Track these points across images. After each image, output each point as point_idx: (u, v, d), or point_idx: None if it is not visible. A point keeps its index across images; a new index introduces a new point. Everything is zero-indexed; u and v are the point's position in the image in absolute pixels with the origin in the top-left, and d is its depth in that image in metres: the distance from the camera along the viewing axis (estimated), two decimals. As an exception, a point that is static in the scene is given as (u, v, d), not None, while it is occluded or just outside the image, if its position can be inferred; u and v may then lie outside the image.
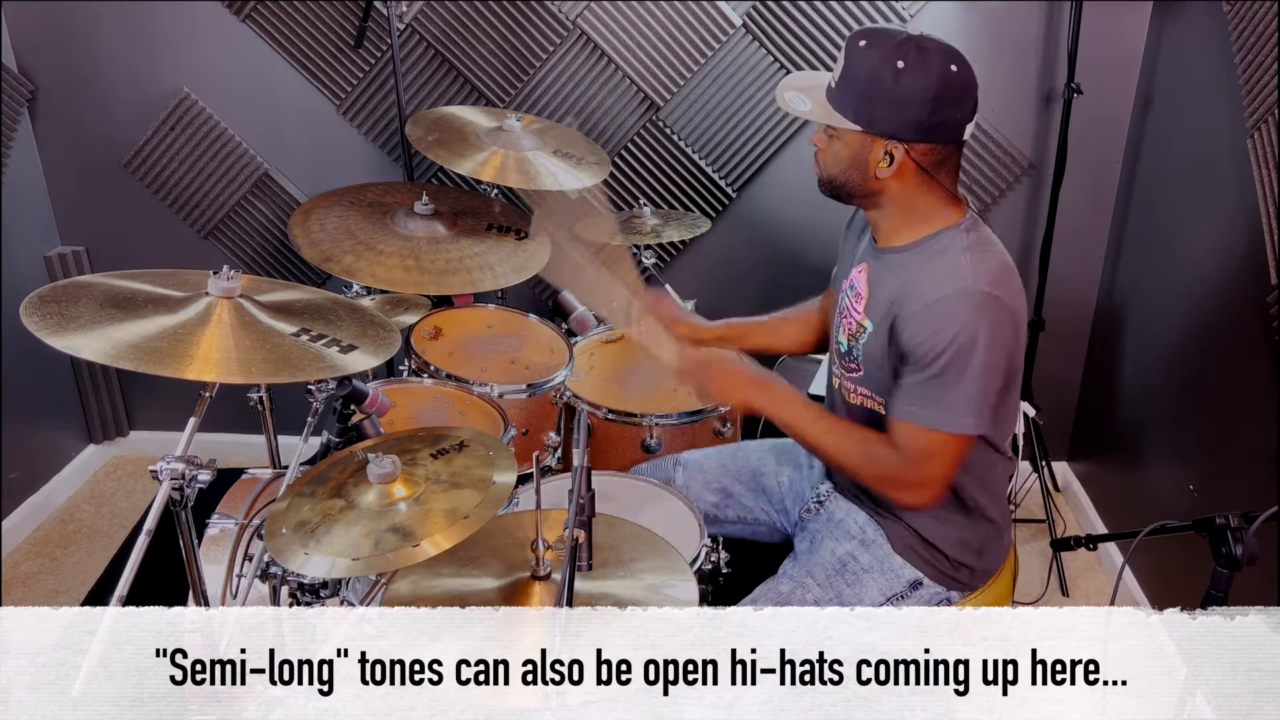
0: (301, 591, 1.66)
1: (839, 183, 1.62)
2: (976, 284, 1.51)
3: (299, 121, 2.88)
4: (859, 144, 1.56)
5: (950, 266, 1.54)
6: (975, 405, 1.53)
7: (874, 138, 1.53)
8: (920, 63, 1.49)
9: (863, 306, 1.66)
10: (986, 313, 1.50)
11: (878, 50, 1.50)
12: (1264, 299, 1.99)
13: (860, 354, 1.67)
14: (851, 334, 1.69)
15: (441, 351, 2.40)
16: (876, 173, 1.56)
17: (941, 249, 1.58)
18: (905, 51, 1.49)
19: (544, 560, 1.44)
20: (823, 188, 1.67)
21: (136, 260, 3.00)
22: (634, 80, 2.77)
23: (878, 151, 1.54)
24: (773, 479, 1.97)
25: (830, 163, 1.62)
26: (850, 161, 1.58)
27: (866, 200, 1.64)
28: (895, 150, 1.53)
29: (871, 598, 1.72)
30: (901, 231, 1.63)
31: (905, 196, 1.59)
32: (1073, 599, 2.72)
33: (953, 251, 1.57)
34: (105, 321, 1.35)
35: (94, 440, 3.27)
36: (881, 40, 1.51)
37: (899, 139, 1.53)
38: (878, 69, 1.49)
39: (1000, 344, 1.52)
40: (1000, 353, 1.53)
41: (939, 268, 1.55)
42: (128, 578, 1.28)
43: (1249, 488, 2.07)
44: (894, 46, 1.49)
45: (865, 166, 1.57)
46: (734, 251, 2.96)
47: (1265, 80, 2.03)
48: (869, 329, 1.64)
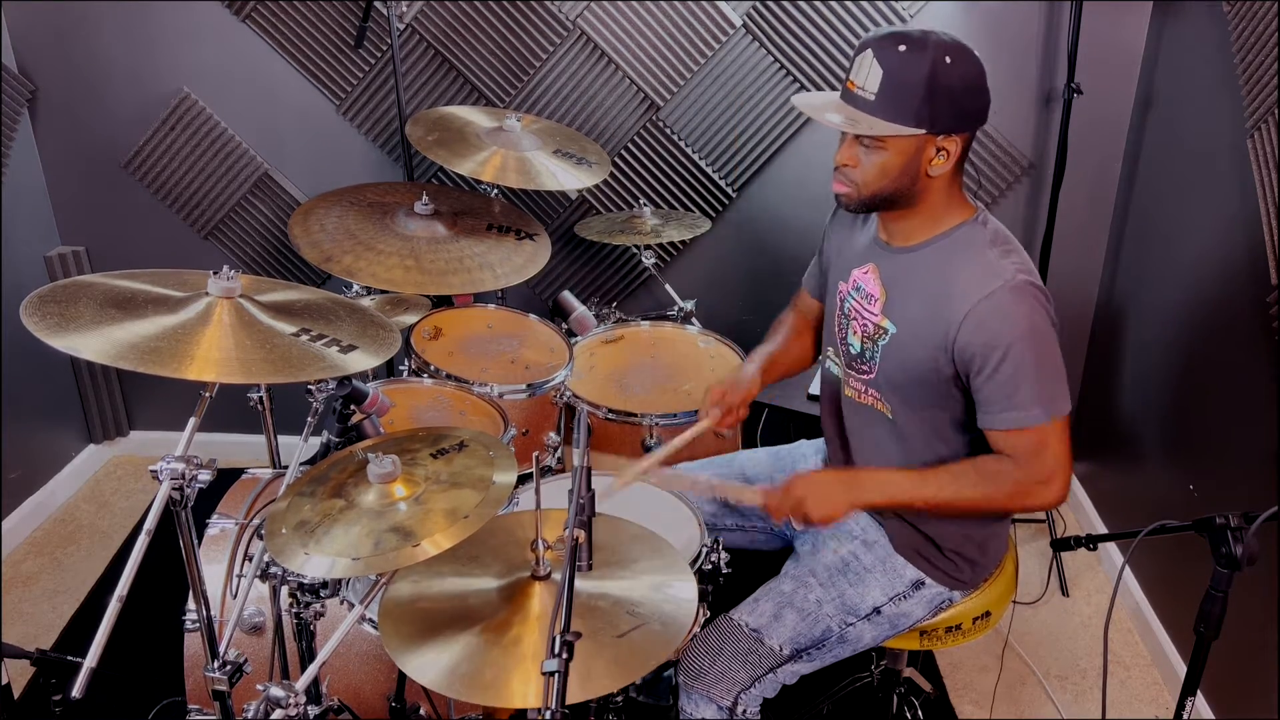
0: (301, 591, 1.67)
1: (886, 193, 1.56)
2: (1016, 277, 1.51)
3: (299, 121, 2.88)
4: (914, 147, 1.52)
5: (984, 265, 1.54)
6: (1060, 384, 1.54)
7: (930, 137, 1.51)
8: (962, 53, 1.49)
9: (879, 308, 1.65)
10: (1034, 299, 1.52)
11: (922, 51, 1.47)
12: (1264, 299, 1.99)
13: (878, 356, 1.66)
14: (868, 336, 1.67)
15: (441, 351, 2.40)
16: (929, 171, 1.54)
17: (962, 245, 1.58)
18: (946, 47, 1.48)
19: (544, 560, 1.44)
20: (857, 204, 1.59)
21: (136, 260, 3.01)
22: (634, 80, 2.77)
23: (931, 151, 1.52)
24: (766, 484, 1.96)
25: (875, 176, 1.54)
26: (902, 168, 1.53)
27: (906, 205, 1.59)
28: (950, 145, 1.52)
29: (874, 597, 1.72)
30: (918, 230, 1.61)
31: (937, 194, 1.58)
32: (1073, 599, 2.72)
33: (978, 248, 1.56)
34: (105, 321, 1.35)
35: (94, 440, 3.27)
36: (918, 41, 1.48)
37: (957, 132, 1.52)
38: (933, 69, 1.46)
39: (1051, 321, 1.54)
40: (1054, 329, 1.54)
41: (972, 268, 1.54)
42: (128, 578, 1.28)
43: (1249, 488, 2.07)
44: (934, 45, 1.48)
45: (917, 169, 1.53)
46: (734, 251, 2.96)
47: (1265, 80, 2.03)
48: (891, 331, 1.62)
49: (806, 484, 1.63)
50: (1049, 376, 1.53)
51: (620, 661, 1.34)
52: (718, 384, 1.87)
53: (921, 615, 1.75)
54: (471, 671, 1.32)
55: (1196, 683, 1.50)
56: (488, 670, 1.32)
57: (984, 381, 1.53)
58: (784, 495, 1.63)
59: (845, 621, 1.71)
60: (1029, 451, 1.55)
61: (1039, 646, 2.55)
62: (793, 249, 2.88)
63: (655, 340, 2.57)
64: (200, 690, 1.87)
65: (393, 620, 1.42)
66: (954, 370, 1.56)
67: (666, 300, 2.68)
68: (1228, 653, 1.70)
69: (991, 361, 1.51)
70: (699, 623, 1.69)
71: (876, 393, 1.69)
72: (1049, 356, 1.53)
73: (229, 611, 1.79)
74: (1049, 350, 1.53)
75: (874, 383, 1.68)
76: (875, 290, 1.66)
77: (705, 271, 2.99)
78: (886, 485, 1.64)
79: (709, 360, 2.48)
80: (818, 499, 1.60)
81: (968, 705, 2.38)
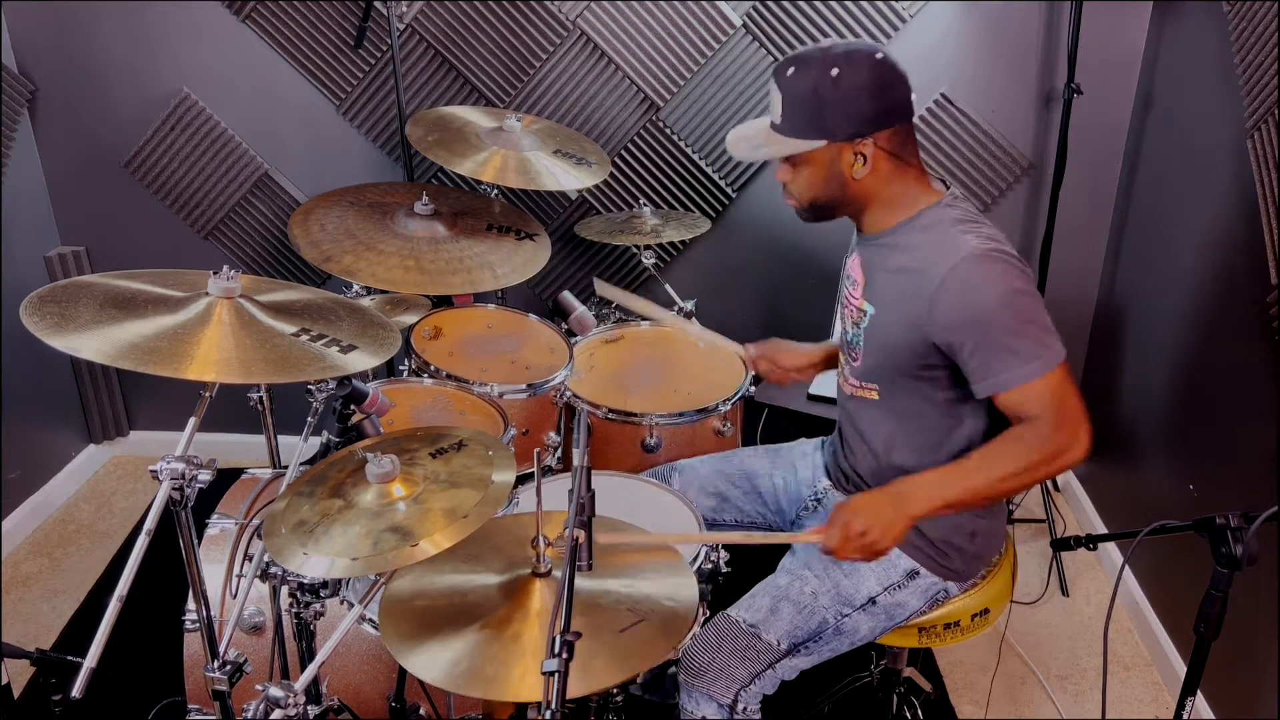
0: (301, 591, 1.67)
1: (821, 201, 1.66)
2: (980, 246, 1.54)
3: (299, 121, 2.88)
4: (828, 157, 1.60)
5: (949, 241, 1.57)
6: (1049, 334, 1.54)
7: (841, 144, 1.58)
8: (850, 62, 1.55)
9: (860, 292, 1.70)
10: (1001, 261, 1.53)
11: (807, 69, 1.56)
12: (1264, 299, 1.99)
13: (860, 340, 1.70)
14: (854, 320, 1.72)
15: (441, 351, 2.40)
16: (854, 175, 1.60)
17: (929, 224, 1.62)
18: (833, 60, 1.55)
19: (544, 557, 1.44)
20: (805, 214, 1.71)
21: (136, 260, 3.01)
22: (634, 80, 2.77)
23: (848, 156, 1.59)
24: (767, 481, 1.98)
25: (805, 188, 1.65)
26: (825, 177, 1.62)
27: (851, 207, 1.67)
28: (864, 148, 1.58)
29: (869, 587, 1.72)
30: (882, 220, 1.67)
31: (884, 188, 1.63)
32: (1073, 599, 2.72)
33: (943, 226, 1.60)
34: (105, 321, 1.35)
35: (94, 440, 3.27)
36: (806, 60, 1.57)
37: (863, 135, 1.57)
38: (816, 83, 1.55)
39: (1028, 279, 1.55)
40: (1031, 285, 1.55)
41: (936, 245, 1.58)
42: (128, 578, 1.28)
43: (1249, 488, 2.07)
44: (821, 61, 1.55)
45: (840, 175, 1.61)
46: (734, 251, 2.96)
47: (1265, 80, 2.03)
48: (869, 313, 1.67)
49: (861, 516, 1.55)
50: (1037, 330, 1.53)
51: (620, 657, 1.34)
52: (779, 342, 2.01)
53: (917, 606, 1.75)
54: (472, 667, 1.32)
55: (1196, 683, 1.50)
56: (488, 666, 1.32)
57: (973, 352, 1.54)
58: (843, 534, 1.56)
59: (841, 613, 1.71)
60: (1042, 405, 1.54)
61: (1039, 646, 2.55)
62: (792, 249, 2.88)
63: (655, 340, 2.57)
64: (200, 690, 1.87)
65: (393, 616, 1.42)
66: (933, 347, 1.58)
67: (666, 300, 2.68)
68: (1228, 653, 1.70)
69: (976, 332, 1.53)
70: (698, 622, 1.69)
71: (858, 380, 1.73)
72: (1030, 310, 1.54)
73: (229, 611, 1.79)
74: (1028, 305, 1.54)
75: (859, 369, 1.72)
76: (858, 276, 1.72)
77: (705, 271, 2.99)
78: (933, 487, 1.58)
79: (709, 360, 2.48)
80: (881, 527, 1.54)
81: (967, 705, 2.38)
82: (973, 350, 1.54)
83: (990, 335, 1.53)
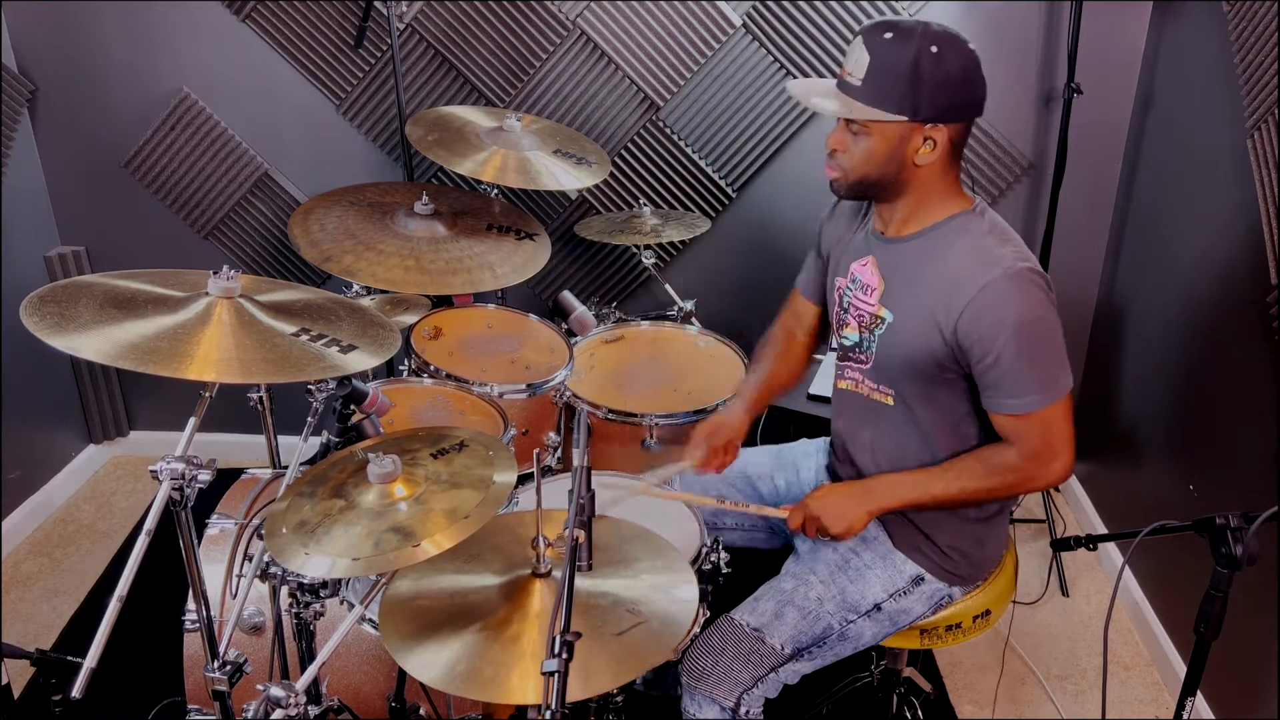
0: (301, 591, 1.67)
1: (872, 179, 1.59)
2: (1015, 264, 1.52)
3: (299, 121, 2.88)
4: (898, 134, 1.53)
5: (983, 253, 1.55)
6: (1061, 367, 1.56)
7: (915, 125, 1.52)
8: (952, 44, 1.50)
9: (876, 298, 1.66)
10: (1033, 284, 1.53)
11: (908, 39, 1.49)
12: (1264, 299, 1.99)
13: (874, 346, 1.67)
14: (865, 326, 1.69)
15: (441, 351, 2.40)
16: (915, 160, 1.55)
17: (959, 233, 1.59)
18: (933, 37, 1.49)
19: (544, 557, 1.44)
20: (844, 189, 1.62)
21: (136, 260, 3.01)
22: (634, 80, 2.77)
23: (917, 139, 1.54)
24: (768, 484, 1.97)
25: (861, 161, 1.57)
26: (887, 155, 1.55)
27: (893, 193, 1.61)
28: (937, 135, 1.53)
29: (874, 594, 1.72)
30: (912, 220, 1.63)
31: (934, 180, 1.59)
32: (1073, 599, 2.72)
33: (974, 236, 1.58)
34: (105, 321, 1.35)
35: (94, 440, 3.27)
36: (906, 30, 1.50)
37: (943, 122, 1.53)
38: (917, 57, 1.48)
39: (1051, 304, 1.55)
40: (1054, 312, 1.56)
41: (970, 256, 1.56)
42: (128, 578, 1.28)
43: (1249, 488, 2.07)
44: (922, 34, 1.49)
45: (902, 157, 1.55)
46: (734, 251, 2.96)
47: (1265, 80, 2.03)
48: (888, 320, 1.64)
49: (820, 502, 1.67)
50: (1049, 362, 1.55)
51: (620, 659, 1.34)
52: (706, 422, 1.87)
53: (921, 612, 1.75)
54: (471, 668, 1.32)
55: (1196, 683, 1.50)
56: (487, 667, 1.32)
57: (986, 368, 1.55)
58: (805, 514, 1.68)
59: (846, 619, 1.71)
60: (1032, 435, 1.57)
61: (1039, 646, 2.55)
62: (793, 249, 2.86)
63: (655, 340, 2.57)
64: (200, 690, 1.87)
65: (393, 617, 1.42)
66: (953, 356, 1.58)
67: (666, 300, 2.68)
68: (1228, 653, 1.70)
69: (993, 350, 1.53)
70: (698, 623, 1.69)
71: (873, 382, 1.71)
72: (1049, 341, 1.54)
73: (229, 611, 1.79)
74: (1049, 335, 1.54)
75: (870, 372, 1.70)
76: (873, 281, 1.67)
77: (705, 271, 2.99)
78: (897, 488, 1.67)
79: (709, 360, 2.48)
80: (833, 515, 1.65)
81: (968, 705, 2.38)
82: (988, 366, 1.55)
83: (1004, 359, 1.53)
